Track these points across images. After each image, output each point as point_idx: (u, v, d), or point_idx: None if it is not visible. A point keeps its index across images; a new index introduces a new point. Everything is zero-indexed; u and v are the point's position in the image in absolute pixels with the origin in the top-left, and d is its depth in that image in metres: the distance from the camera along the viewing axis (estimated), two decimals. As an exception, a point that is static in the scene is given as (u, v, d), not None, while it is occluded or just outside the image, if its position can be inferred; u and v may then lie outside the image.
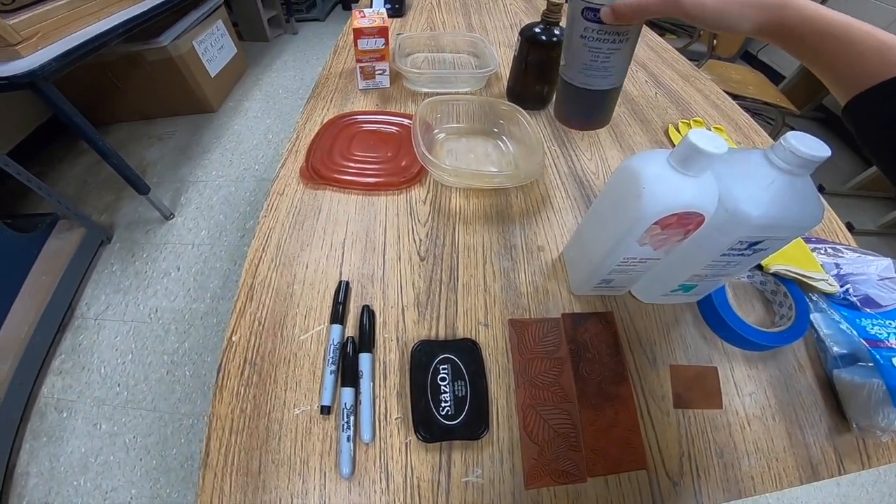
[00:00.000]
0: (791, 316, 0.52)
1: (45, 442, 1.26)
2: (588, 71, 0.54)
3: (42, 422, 1.30)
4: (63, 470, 1.21)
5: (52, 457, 1.23)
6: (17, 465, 1.21)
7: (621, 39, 0.50)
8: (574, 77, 0.56)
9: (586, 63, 0.53)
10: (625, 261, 0.45)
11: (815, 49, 0.34)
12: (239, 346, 0.49)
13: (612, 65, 0.52)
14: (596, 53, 0.51)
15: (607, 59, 0.52)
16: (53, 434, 1.27)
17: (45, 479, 1.19)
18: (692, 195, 0.35)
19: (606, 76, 0.55)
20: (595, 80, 0.55)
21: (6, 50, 1.18)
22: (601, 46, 0.51)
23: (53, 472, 1.21)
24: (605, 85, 0.57)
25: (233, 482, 0.40)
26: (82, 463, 1.22)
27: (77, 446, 1.25)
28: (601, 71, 0.54)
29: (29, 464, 1.22)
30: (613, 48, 0.51)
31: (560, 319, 0.53)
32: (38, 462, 1.22)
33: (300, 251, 0.58)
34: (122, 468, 1.22)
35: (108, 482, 1.19)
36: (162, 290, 1.62)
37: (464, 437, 0.43)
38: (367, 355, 0.48)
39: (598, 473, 0.44)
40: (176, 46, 2.07)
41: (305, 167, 0.68)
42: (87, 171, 2.07)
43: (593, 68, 0.53)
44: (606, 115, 0.61)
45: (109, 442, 1.26)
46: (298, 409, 0.45)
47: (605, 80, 0.56)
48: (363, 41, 0.81)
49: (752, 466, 0.45)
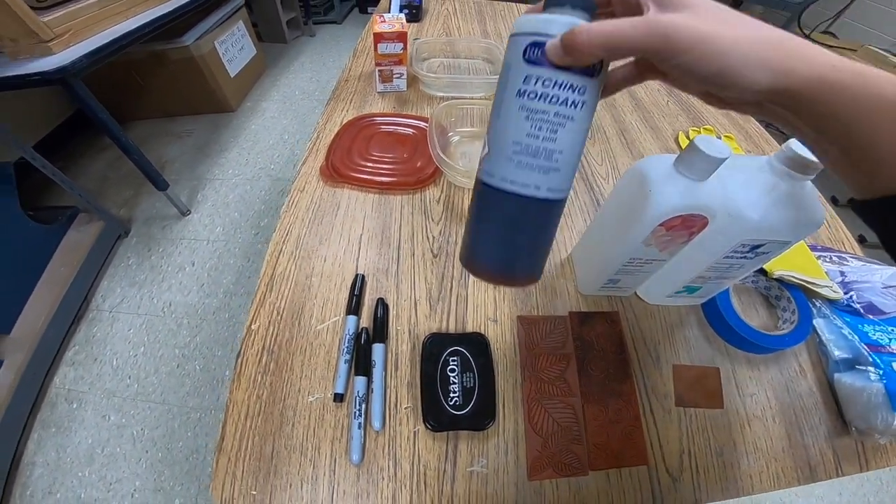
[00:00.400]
0: (794, 320, 0.53)
1: (54, 432, 1.27)
2: (522, 157, 0.30)
3: (52, 412, 1.31)
4: (69, 460, 1.22)
5: (59, 447, 1.24)
6: (24, 455, 1.22)
7: (575, 101, 0.28)
8: (496, 171, 0.31)
9: (519, 142, 0.29)
10: (631, 261, 0.46)
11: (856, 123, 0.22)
12: (258, 334, 0.51)
13: (560, 147, 0.29)
14: (537, 124, 0.29)
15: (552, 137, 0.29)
16: (62, 425, 1.29)
17: (50, 469, 1.20)
18: (696, 198, 0.37)
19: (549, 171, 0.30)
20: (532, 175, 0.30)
21: (39, 46, 1.21)
22: (546, 110, 0.28)
23: (59, 462, 1.22)
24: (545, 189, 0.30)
25: (245, 466, 0.42)
26: (88, 454, 1.24)
27: (84, 437, 1.27)
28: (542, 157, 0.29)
29: (36, 454, 1.23)
30: (564, 115, 0.28)
31: (567, 317, 0.54)
32: (44, 452, 1.23)
33: (319, 245, 0.60)
34: (128, 460, 1.23)
35: (113, 473, 1.20)
36: (176, 284, 1.64)
37: (470, 427, 0.45)
38: (381, 346, 0.50)
39: (599, 467, 0.45)
40: (198, 46, 2.11)
41: (325, 166, 0.70)
42: (108, 166, 2.11)
43: (530, 151, 0.29)
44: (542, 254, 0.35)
45: (117, 433, 1.28)
46: (312, 397, 0.47)
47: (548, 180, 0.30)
48: (383, 45, 0.83)
49: (750, 466, 0.46)
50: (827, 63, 0.22)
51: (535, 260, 0.34)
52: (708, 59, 0.23)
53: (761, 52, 0.23)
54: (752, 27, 0.23)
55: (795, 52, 0.23)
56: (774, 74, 0.23)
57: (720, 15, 0.24)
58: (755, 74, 0.23)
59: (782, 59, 0.22)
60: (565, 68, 0.27)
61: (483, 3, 1.42)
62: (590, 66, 0.27)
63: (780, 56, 0.23)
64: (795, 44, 0.23)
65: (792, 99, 0.23)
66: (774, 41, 0.23)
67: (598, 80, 0.28)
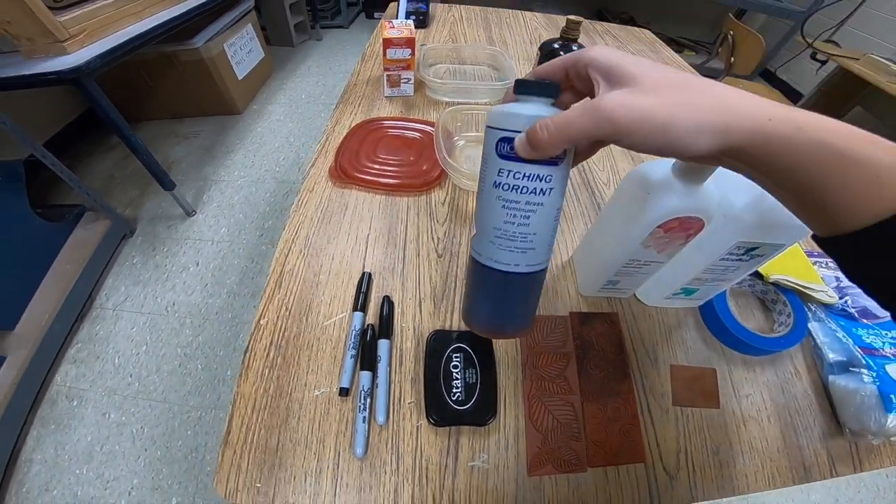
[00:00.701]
0: (789, 323, 0.54)
1: (53, 429, 1.27)
2: (502, 241, 0.34)
3: (52, 409, 1.31)
4: (67, 458, 1.22)
5: (58, 444, 1.24)
6: (23, 452, 1.22)
7: (543, 189, 0.31)
8: (483, 251, 0.35)
9: (499, 228, 0.34)
10: (630, 262, 0.48)
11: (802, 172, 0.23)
12: (266, 329, 0.52)
13: (533, 231, 0.33)
14: (512, 212, 0.33)
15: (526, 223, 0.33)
16: (62, 422, 1.29)
17: (47, 466, 1.20)
18: (693, 201, 0.38)
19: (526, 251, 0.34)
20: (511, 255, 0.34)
21: (55, 46, 1.23)
22: (518, 200, 0.32)
23: (57, 459, 1.22)
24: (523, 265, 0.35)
25: (251, 459, 0.43)
26: (87, 452, 1.24)
27: (84, 435, 1.27)
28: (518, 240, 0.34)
29: (34, 451, 1.23)
30: (534, 203, 0.32)
31: (568, 317, 0.56)
32: (42, 449, 1.23)
33: (327, 244, 0.62)
34: (126, 458, 1.23)
35: (111, 471, 1.20)
36: (180, 284, 1.66)
37: (472, 423, 0.46)
38: (386, 342, 0.51)
39: (598, 464, 0.46)
40: (208, 48, 2.13)
41: (334, 167, 0.72)
42: (115, 165, 2.13)
43: (508, 236, 0.34)
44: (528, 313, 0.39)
45: (116, 431, 1.28)
46: (318, 391, 0.48)
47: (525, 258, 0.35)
48: (391, 51, 0.85)
49: (746, 465, 0.47)
50: (763, 116, 0.23)
51: (523, 317, 0.39)
52: (652, 136, 0.24)
53: (698, 118, 0.24)
54: (692, 92, 0.24)
55: (731, 110, 0.23)
56: (713, 136, 0.23)
57: (661, 81, 0.25)
58: (696, 141, 0.24)
59: (719, 121, 0.23)
60: (533, 161, 0.30)
61: (489, 11, 1.44)
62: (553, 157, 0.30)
63: (716, 118, 0.23)
64: (733, 101, 0.24)
65: (736, 154, 0.24)
66: (710, 103, 0.24)
67: (563, 166, 0.31)
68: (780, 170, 0.23)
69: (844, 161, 0.21)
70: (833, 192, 0.22)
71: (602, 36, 1.44)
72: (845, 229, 0.22)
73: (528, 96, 0.31)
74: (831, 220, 0.23)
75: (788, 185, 0.24)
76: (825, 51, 2.13)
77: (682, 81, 0.25)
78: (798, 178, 0.23)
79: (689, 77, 0.25)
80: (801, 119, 0.22)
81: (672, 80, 0.25)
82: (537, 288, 0.38)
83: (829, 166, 0.22)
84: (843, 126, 0.22)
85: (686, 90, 0.25)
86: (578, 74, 0.30)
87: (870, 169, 0.21)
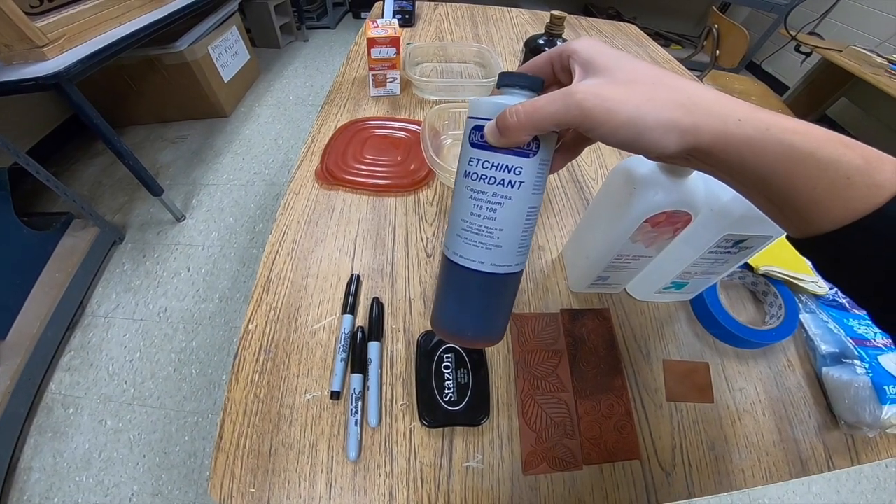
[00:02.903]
0: (781, 315, 0.54)
1: (50, 438, 1.27)
2: (467, 233, 0.32)
3: (48, 417, 1.31)
4: (66, 466, 1.22)
5: (56, 452, 1.24)
6: (21, 460, 1.21)
7: (511, 182, 0.30)
8: (450, 245, 0.34)
9: (465, 220, 0.32)
10: (619, 258, 0.47)
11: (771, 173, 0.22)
12: (255, 334, 0.51)
13: (499, 226, 0.31)
14: (478, 203, 0.31)
15: (492, 216, 0.31)
16: (59, 430, 1.28)
17: (47, 474, 1.20)
18: (679, 195, 0.38)
19: (491, 248, 0.32)
20: (475, 251, 0.32)
21: (34, 51, 1.21)
22: (485, 190, 0.30)
23: (56, 467, 1.21)
24: (488, 263, 0.32)
25: (244, 464, 0.42)
26: (85, 459, 1.23)
27: (81, 442, 1.26)
28: (483, 234, 0.32)
29: (32, 459, 1.22)
30: (501, 195, 0.30)
31: (559, 314, 0.55)
32: (41, 457, 1.23)
33: (314, 246, 0.61)
34: (125, 464, 1.23)
35: (111, 478, 1.20)
36: (172, 289, 1.64)
37: (465, 423, 0.46)
38: (376, 344, 0.50)
39: (593, 462, 0.46)
40: (192, 51, 2.11)
41: (320, 169, 0.71)
42: (102, 172, 2.10)
43: (473, 229, 0.32)
44: (496, 320, 0.36)
45: (114, 438, 1.27)
46: (309, 395, 0.47)
47: (490, 256, 0.32)
48: (376, 50, 0.84)
49: (742, 460, 0.47)
50: (732, 117, 0.22)
51: (487, 323, 0.36)
52: (620, 129, 0.24)
53: (667, 115, 0.23)
54: (663, 89, 0.24)
55: (701, 109, 0.23)
56: (681, 135, 0.23)
57: (635, 75, 0.25)
58: (663, 138, 0.23)
59: (688, 119, 0.23)
60: (503, 150, 0.29)
61: (475, 8, 1.43)
62: (525, 146, 0.29)
63: (685, 116, 0.23)
64: (703, 100, 0.23)
65: (703, 155, 0.24)
66: (681, 100, 0.23)
67: (535, 159, 0.29)
68: (749, 172, 0.23)
69: (814, 163, 0.21)
70: (803, 193, 0.22)
71: (588, 31, 1.43)
72: (817, 231, 0.22)
73: (511, 89, 0.30)
74: (803, 222, 0.23)
75: (758, 187, 0.24)
76: (808, 43, 2.14)
77: (654, 77, 0.25)
78: (768, 180, 0.22)
79: (663, 74, 0.25)
80: (770, 120, 0.22)
81: (645, 76, 0.25)
82: (505, 293, 0.35)
83: (798, 168, 0.21)
84: (813, 128, 0.22)
85: (658, 87, 0.24)
86: (563, 66, 0.30)
87: (839, 171, 0.20)
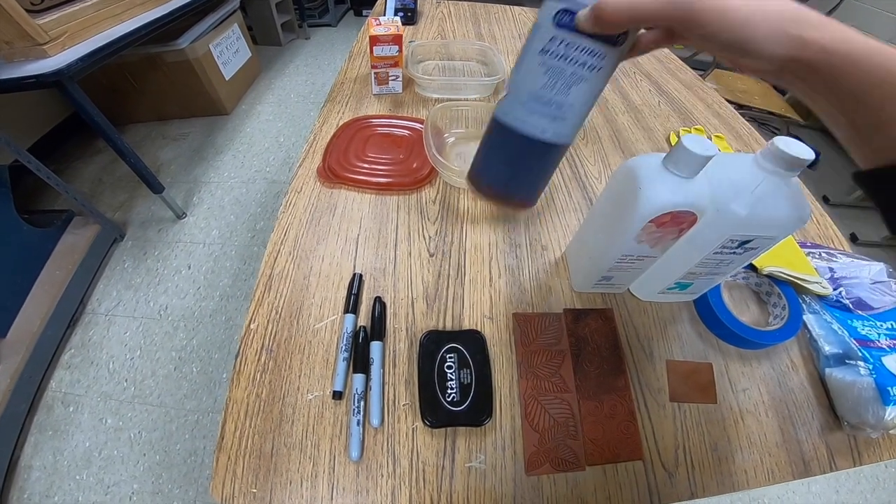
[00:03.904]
0: (784, 316, 0.54)
1: (51, 436, 1.27)
2: (534, 104, 0.35)
3: (48, 416, 1.31)
4: (66, 464, 1.22)
5: (56, 451, 1.24)
6: (21, 459, 1.22)
7: (592, 65, 0.32)
8: (510, 112, 0.36)
9: (534, 92, 0.34)
10: (623, 258, 0.47)
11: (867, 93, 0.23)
12: (257, 333, 0.51)
13: (570, 102, 0.34)
14: (554, 79, 0.33)
15: (565, 92, 0.33)
16: (59, 428, 1.28)
17: (47, 472, 1.20)
18: (685, 195, 0.37)
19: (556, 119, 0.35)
20: (540, 120, 0.35)
21: (35, 49, 1.21)
22: (564, 69, 0.32)
23: (56, 465, 1.21)
24: (550, 133, 0.36)
25: (245, 464, 0.42)
26: (86, 457, 1.23)
27: (81, 440, 1.26)
28: (552, 107, 0.34)
29: (33, 457, 1.22)
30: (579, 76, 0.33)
31: (562, 314, 0.55)
32: (41, 456, 1.23)
33: (316, 245, 0.61)
34: (126, 463, 1.23)
35: (111, 477, 1.20)
36: (172, 287, 1.64)
37: (468, 423, 0.46)
38: (378, 343, 0.50)
39: (596, 462, 0.45)
40: (193, 49, 2.11)
41: (322, 167, 0.71)
42: (103, 169, 2.10)
43: (543, 101, 0.34)
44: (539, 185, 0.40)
45: (114, 437, 1.27)
46: (311, 395, 0.47)
47: (553, 126, 0.35)
48: (378, 48, 0.84)
49: (745, 460, 0.47)
50: (840, 36, 0.23)
51: (533, 188, 0.41)
52: (728, 30, 0.25)
53: (778, 25, 0.24)
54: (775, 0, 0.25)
55: (811, 24, 0.24)
56: (789, 46, 0.24)
57: None
58: (772, 46, 0.24)
59: (797, 31, 0.24)
60: (590, 35, 0.30)
61: (477, 6, 1.43)
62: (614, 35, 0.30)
63: (795, 28, 0.24)
64: (812, 17, 0.24)
65: (805, 69, 0.25)
66: (792, 13, 0.24)
67: (620, 48, 0.32)
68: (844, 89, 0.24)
69: None
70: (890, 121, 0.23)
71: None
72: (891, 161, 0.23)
73: None
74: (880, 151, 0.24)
75: (848, 106, 0.25)
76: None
77: None
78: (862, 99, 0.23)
79: None
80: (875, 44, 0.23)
81: None
82: (554, 162, 0.40)
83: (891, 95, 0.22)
84: None
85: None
86: None
87: None
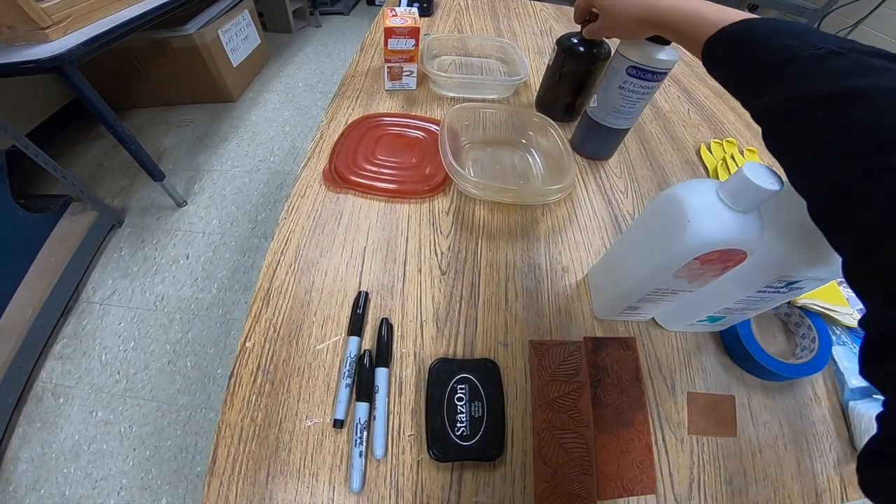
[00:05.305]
0: (814, 348, 0.51)
1: (39, 427, 1.25)
2: (616, 114, 0.67)
3: (38, 407, 1.28)
4: (54, 457, 1.20)
5: (45, 443, 1.22)
6: (8, 450, 1.20)
7: (645, 92, 0.63)
8: (600, 116, 0.69)
9: (616, 108, 0.66)
10: (656, 290, 0.44)
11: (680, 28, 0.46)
12: (253, 352, 0.48)
13: (636, 110, 0.67)
14: (627, 101, 0.65)
15: (633, 106, 0.66)
16: (48, 420, 1.26)
17: (34, 465, 1.18)
18: (739, 232, 0.33)
19: (628, 118, 0.69)
20: (619, 120, 0.69)
21: (36, 33, 1.18)
22: (633, 95, 0.64)
23: (44, 458, 1.19)
24: (623, 125, 0.70)
25: (239, 491, 0.40)
26: (74, 450, 1.21)
27: (70, 433, 1.24)
28: (625, 114, 0.67)
29: (20, 449, 1.20)
30: (642, 96, 0.64)
31: (582, 343, 0.51)
32: (29, 447, 1.21)
33: (319, 257, 0.57)
34: (115, 457, 1.21)
35: (99, 471, 1.18)
36: (170, 277, 1.61)
37: (477, 458, 0.43)
38: (384, 370, 0.47)
39: (607, 497, 0.43)
40: (202, 35, 2.07)
41: (328, 169, 0.67)
42: (103, 154, 2.06)
43: (621, 112, 0.67)
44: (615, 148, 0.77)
45: (104, 430, 1.25)
46: (311, 421, 0.44)
47: (625, 121, 0.69)
48: (394, 41, 0.79)
49: (758, 493, 0.45)
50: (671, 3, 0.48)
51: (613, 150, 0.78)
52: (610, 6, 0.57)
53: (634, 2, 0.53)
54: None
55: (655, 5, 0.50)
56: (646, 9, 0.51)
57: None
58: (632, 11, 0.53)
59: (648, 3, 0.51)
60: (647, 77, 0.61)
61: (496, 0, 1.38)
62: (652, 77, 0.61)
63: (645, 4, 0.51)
64: None
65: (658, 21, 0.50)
66: None
67: (657, 84, 0.63)
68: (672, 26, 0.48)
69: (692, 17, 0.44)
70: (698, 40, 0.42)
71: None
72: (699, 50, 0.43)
73: None
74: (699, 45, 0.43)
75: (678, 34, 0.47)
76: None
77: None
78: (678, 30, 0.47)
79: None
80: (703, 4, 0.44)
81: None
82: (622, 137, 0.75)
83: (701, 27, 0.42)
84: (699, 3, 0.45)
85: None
86: None
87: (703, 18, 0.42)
